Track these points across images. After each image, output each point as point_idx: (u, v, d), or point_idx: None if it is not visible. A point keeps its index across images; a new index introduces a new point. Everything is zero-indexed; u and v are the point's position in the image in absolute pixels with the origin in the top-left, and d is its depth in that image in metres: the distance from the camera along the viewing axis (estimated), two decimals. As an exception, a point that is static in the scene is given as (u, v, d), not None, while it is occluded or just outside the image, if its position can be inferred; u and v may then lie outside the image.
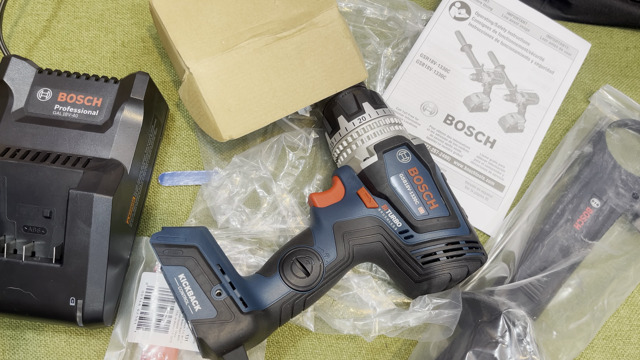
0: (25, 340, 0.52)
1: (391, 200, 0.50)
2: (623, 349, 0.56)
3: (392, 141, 0.52)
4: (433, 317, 0.50)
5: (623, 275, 0.56)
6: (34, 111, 0.52)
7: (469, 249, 0.50)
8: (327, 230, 0.50)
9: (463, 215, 0.51)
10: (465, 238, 0.50)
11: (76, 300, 0.47)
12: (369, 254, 0.50)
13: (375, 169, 0.51)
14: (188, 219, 0.56)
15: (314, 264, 0.48)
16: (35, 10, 0.64)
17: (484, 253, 0.51)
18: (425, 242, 0.49)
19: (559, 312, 0.53)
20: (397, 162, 0.51)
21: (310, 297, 0.48)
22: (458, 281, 0.50)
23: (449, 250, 0.49)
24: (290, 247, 0.50)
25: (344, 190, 0.52)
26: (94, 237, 0.46)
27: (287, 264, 0.48)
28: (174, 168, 0.59)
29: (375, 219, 0.50)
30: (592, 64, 0.68)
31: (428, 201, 0.50)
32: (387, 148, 0.51)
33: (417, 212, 0.50)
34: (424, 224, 0.49)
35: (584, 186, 0.58)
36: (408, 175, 0.50)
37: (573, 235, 0.57)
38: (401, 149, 0.51)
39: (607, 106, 0.64)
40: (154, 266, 0.53)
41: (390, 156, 0.51)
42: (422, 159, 0.52)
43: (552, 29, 0.67)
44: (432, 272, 0.49)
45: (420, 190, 0.50)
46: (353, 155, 0.53)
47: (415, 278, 0.50)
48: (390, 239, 0.50)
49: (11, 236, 0.47)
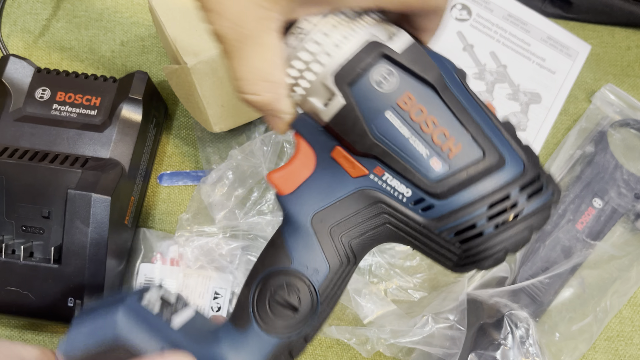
0: (24, 341, 0.52)
1: (384, 159, 0.32)
2: (625, 350, 0.56)
3: (359, 59, 0.31)
4: (435, 339, 0.48)
5: (625, 276, 0.56)
6: (33, 111, 0.52)
7: (528, 199, 0.31)
8: (306, 232, 0.34)
9: (508, 140, 0.32)
10: (519, 182, 0.31)
11: (75, 300, 0.46)
12: (376, 240, 0.35)
13: (345, 118, 0.31)
14: (181, 214, 0.55)
15: (300, 292, 0.33)
16: (34, 9, 0.64)
17: (554, 190, 0.33)
18: (456, 212, 0.31)
19: (561, 314, 0.53)
20: (376, 95, 0.31)
21: (311, 332, 0.35)
22: (519, 249, 0.33)
23: (496, 214, 0.31)
24: (260, 273, 0.34)
25: (314, 155, 0.34)
26: (92, 238, 0.46)
27: (263, 306, 0.34)
28: (173, 168, 0.59)
29: (370, 193, 0.33)
30: (593, 64, 0.67)
31: (444, 144, 0.31)
32: (352, 76, 0.31)
33: (431, 167, 0.31)
34: (445, 184, 0.31)
35: (585, 186, 0.58)
36: (399, 110, 0.31)
37: (575, 236, 0.56)
38: (377, 68, 0.31)
39: (609, 106, 0.64)
40: (152, 257, 0.53)
41: (361, 89, 0.31)
42: (418, 72, 0.31)
43: (552, 30, 0.67)
44: (475, 253, 0.32)
45: (427, 129, 0.31)
46: (308, 102, 0.33)
47: (453, 261, 0.33)
48: (401, 217, 0.33)
49: (9, 236, 0.47)
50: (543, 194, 0.32)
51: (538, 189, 0.32)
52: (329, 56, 0.31)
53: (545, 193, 0.32)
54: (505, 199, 0.31)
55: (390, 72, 0.31)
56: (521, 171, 0.31)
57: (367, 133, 0.31)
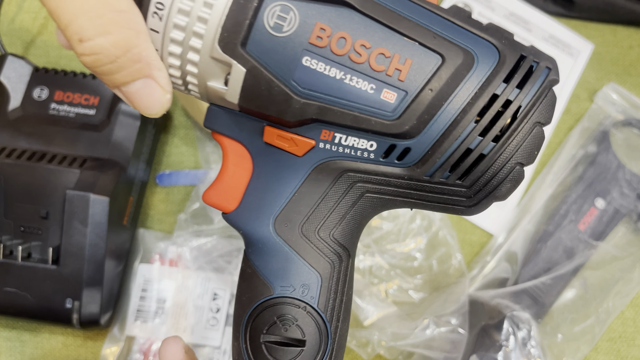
0: (22, 342, 0.52)
1: (325, 117, 0.25)
2: (627, 351, 0.55)
3: (239, 9, 0.24)
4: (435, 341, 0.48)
5: (628, 277, 0.55)
6: (31, 110, 0.51)
7: (520, 87, 0.25)
8: (273, 245, 0.27)
9: (465, 28, 0.25)
10: (501, 74, 0.25)
11: (73, 302, 0.46)
12: (362, 217, 0.28)
13: (255, 88, 0.25)
14: (180, 214, 0.55)
15: (298, 320, 0.27)
16: (32, 7, 0.63)
17: (547, 62, 0.26)
18: (438, 144, 0.25)
19: (563, 315, 0.53)
20: (279, 43, 0.24)
21: (336, 355, 0.28)
22: (536, 156, 0.27)
23: (490, 124, 0.25)
24: (244, 317, 0.28)
25: (245, 149, 0.28)
26: (90, 238, 0.46)
27: (262, 356, 0.27)
28: (172, 168, 0.59)
29: (329, 165, 0.27)
30: (595, 63, 0.67)
31: (389, 67, 0.24)
32: (240, 33, 0.24)
33: (385, 102, 0.25)
34: (411, 115, 0.25)
35: (587, 186, 0.58)
36: (316, 49, 0.24)
37: (577, 236, 0.56)
38: (267, 9, 0.24)
39: (611, 105, 0.63)
40: (150, 258, 0.53)
41: (258, 43, 0.24)
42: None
43: (554, 29, 0.67)
44: (485, 182, 0.26)
45: (359, 57, 0.24)
46: (209, 89, 0.26)
47: (464, 204, 0.27)
48: (378, 179, 0.27)
49: (7, 236, 0.47)
50: (536, 74, 0.25)
51: (527, 72, 0.25)
52: (204, 22, 0.24)
53: (538, 72, 0.25)
54: (492, 100, 0.25)
55: (285, 7, 0.24)
56: (497, 59, 0.25)
57: (290, 94, 0.25)
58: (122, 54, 0.23)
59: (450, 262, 0.55)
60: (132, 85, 0.24)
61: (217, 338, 0.51)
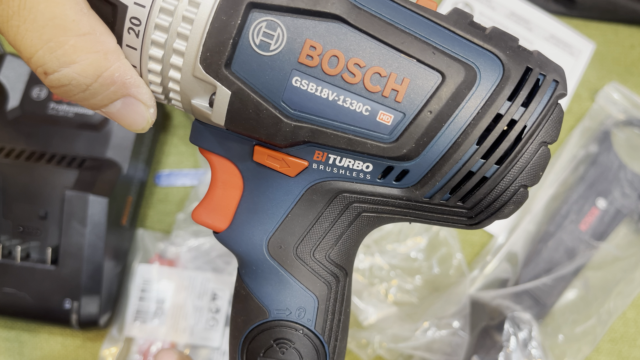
0: (21, 342, 0.52)
1: (318, 140, 0.24)
2: (629, 352, 0.55)
3: (221, 26, 0.22)
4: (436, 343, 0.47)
5: (629, 277, 0.55)
6: (29, 110, 0.51)
7: (526, 105, 0.23)
8: (268, 268, 0.26)
9: (467, 38, 0.23)
10: (505, 91, 0.23)
11: (72, 302, 0.46)
12: (358, 235, 0.27)
13: (242, 111, 0.23)
14: (178, 214, 0.55)
15: (295, 343, 0.26)
16: (32, 7, 0.63)
17: (554, 72, 0.24)
18: (438, 167, 0.24)
19: (564, 315, 0.52)
20: (266, 62, 0.22)
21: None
22: (540, 177, 0.25)
23: (493, 146, 0.24)
24: (239, 340, 0.27)
25: (235, 167, 0.26)
26: (89, 239, 0.46)
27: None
28: (171, 167, 0.58)
29: (324, 187, 0.25)
30: (597, 62, 0.67)
31: (385, 87, 0.23)
32: (223, 52, 0.22)
33: (381, 124, 0.23)
34: (409, 138, 0.23)
35: (589, 186, 0.58)
36: (306, 69, 0.22)
37: (578, 237, 0.56)
38: (252, 26, 0.22)
39: (612, 104, 0.63)
40: (149, 258, 0.52)
41: (244, 63, 0.22)
42: (309, 6, 0.22)
43: (555, 28, 0.67)
44: (488, 204, 0.25)
45: (353, 77, 0.23)
46: (194, 108, 0.24)
47: (465, 222, 0.26)
48: (375, 199, 0.26)
49: (6, 237, 0.47)
50: (543, 89, 0.23)
51: (533, 87, 0.23)
52: (184, 39, 0.22)
53: (545, 87, 0.23)
54: (495, 121, 0.23)
55: (271, 23, 0.22)
56: (501, 74, 0.23)
57: (280, 117, 0.23)
58: (92, 81, 0.21)
59: (451, 263, 0.55)
60: (111, 107, 0.23)
61: (217, 339, 0.51)
